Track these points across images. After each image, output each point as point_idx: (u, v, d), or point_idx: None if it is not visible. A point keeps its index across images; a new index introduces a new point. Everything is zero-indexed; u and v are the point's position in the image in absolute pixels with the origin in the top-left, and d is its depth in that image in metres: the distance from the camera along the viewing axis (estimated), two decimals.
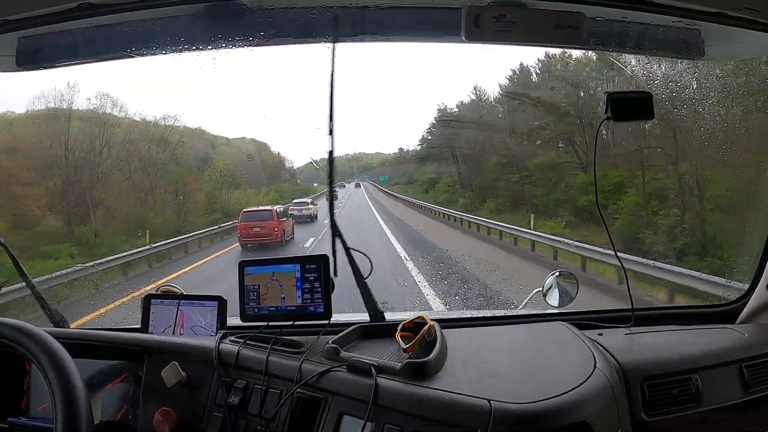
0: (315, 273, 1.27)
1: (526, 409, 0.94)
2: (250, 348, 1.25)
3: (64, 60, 1.29)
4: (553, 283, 1.70)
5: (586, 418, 0.98)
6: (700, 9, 1.16)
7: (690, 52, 1.34)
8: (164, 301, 1.48)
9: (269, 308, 1.30)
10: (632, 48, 1.36)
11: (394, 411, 1.01)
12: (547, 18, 1.17)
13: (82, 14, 1.12)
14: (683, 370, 1.20)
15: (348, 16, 1.26)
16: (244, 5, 1.18)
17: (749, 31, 1.22)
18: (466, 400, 0.97)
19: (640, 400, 1.14)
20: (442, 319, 1.37)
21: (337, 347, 1.17)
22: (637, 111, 1.28)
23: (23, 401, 1.33)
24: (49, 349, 1.01)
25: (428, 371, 1.06)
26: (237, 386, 1.20)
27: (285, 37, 1.28)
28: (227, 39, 1.23)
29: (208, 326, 1.43)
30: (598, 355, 1.14)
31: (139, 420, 1.24)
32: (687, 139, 8.27)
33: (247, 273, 1.33)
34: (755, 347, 1.30)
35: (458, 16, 1.16)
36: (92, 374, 1.30)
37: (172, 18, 1.20)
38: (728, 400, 1.21)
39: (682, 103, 5.14)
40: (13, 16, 1.11)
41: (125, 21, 1.20)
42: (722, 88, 4.84)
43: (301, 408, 1.11)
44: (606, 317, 1.48)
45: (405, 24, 1.30)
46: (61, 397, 0.96)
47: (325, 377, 1.11)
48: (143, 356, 1.29)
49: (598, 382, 1.04)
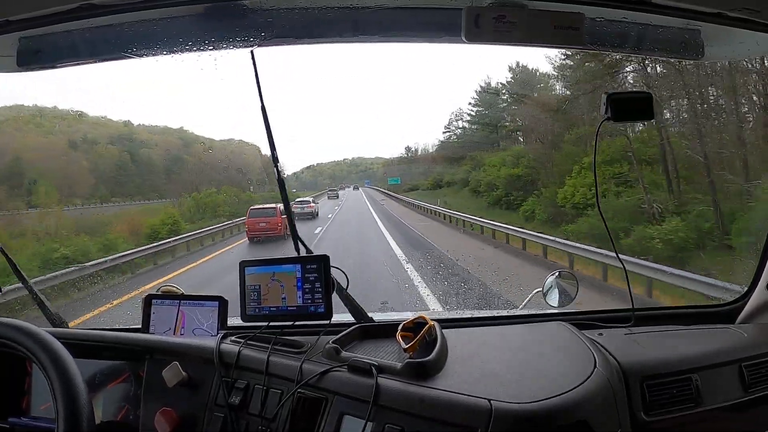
0: (315, 273, 1.27)
1: (527, 409, 0.95)
2: (250, 348, 1.25)
3: (64, 60, 1.29)
4: (553, 284, 1.70)
5: (586, 418, 0.98)
6: (700, 9, 1.17)
7: (690, 52, 1.34)
8: (165, 301, 1.48)
9: (270, 308, 1.30)
10: (632, 48, 1.36)
11: (394, 411, 1.01)
12: (547, 18, 1.17)
13: (83, 15, 1.12)
14: (683, 370, 1.20)
15: (348, 17, 1.26)
16: (245, 6, 1.18)
17: (749, 32, 1.22)
18: (466, 399, 0.97)
19: (640, 399, 1.15)
20: (443, 319, 1.37)
21: (337, 347, 1.17)
22: (637, 111, 1.28)
23: (24, 401, 1.33)
24: (51, 349, 1.02)
25: (429, 371, 1.07)
26: (238, 386, 1.20)
27: (285, 37, 1.28)
28: (228, 39, 1.23)
29: (208, 326, 1.43)
30: (598, 354, 1.15)
31: (140, 420, 1.24)
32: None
33: (247, 273, 1.33)
34: (755, 347, 1.30)
35: (458, 17, 1.16)
36: (93, 374, 1.30)
37: (173, 18, 1.21)
38: (728, 400, 1.22)
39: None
40: (14, 17, 1.11)
41: (126, 21, 1.20)
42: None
43: (301, 408, 1.11)
44: (606, 317, 1.48)
45: (405, 25, 1.30)
46: (62, 398, 0.96)
47: (325, 377, 1.12)
48: (144, 356, 1.29)
49: (597, 382, 1.05)
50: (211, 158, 20.10)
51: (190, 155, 19.93)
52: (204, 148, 19.67)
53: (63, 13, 1.11)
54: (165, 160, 19.02)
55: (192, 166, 19.93)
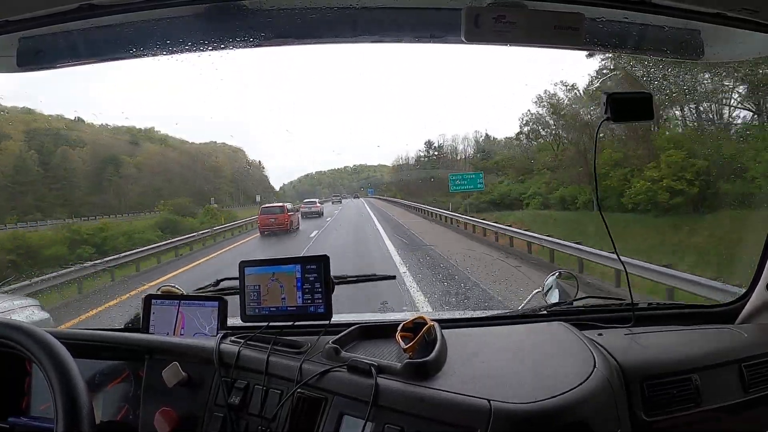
0: (315, 273, 1.27)
1: (526, 409, 0.95)
2: (250, 348, 1.25)
3: (64, 61, 1.30)
4: (553, 284, 1.70)
5: (586, 418, 0.98)
6: (700, 10, 1.17)
7: (689, 52, 1.34)
8: (164, 301, 1.48)
9: (270, 308, 1.30)
10: (632, 49, 1.36)
11: (394, 411, 1.01)
12: (547, 18, 1.17)
13: (83, 15, 1.12)
14: (683, 370, 1.20)
15: (348, 17, 1.26)
16: (245, 6, 1.18)
17: (748, 32, 1.22)
18: (466, 399, 0.97)
19: (640, 400, 1.14)
20: (442, 319, 1.37)
21: (337, 347, 1.17)
22: (636, 111, 1.28)
23: (24, 401, 1.34)
24: (51, 349, 1.02)
25: (428, 371, 1.07)
26: (237, 386, 1.20)
27: (285, 37, 1.29)
28: (228, 40, 1.24)
29: (208, 326, 1.43)
30: (597, 355, 1.15)
31: (139, 420, 1.24)
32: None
33: (247, 273, 1.33)
34: (755, 347, 1.30)
35: (458, 17, 1.16)
36: (93, 374, 1.30)
37: (173, 19, 1.21)
38: (728, 400, 1.21)
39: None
40: (14, 17, 1.11)
41: (126, 22, 1.20)
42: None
43: (301, 408, 1.11)
44: (606, 317, 1.48)
45: (404, 25, 1.30)
46: (62, 397, 0.96)
47: (325, 377, 1.12)
48: (144, 356, 1.29)
49: (597, 382, 1.04)
50: (172, 163, 16.80)
51: (135, 157, 15.80)
52: (156, 151, 15.89)
53: (63, 13, 1.11)
54: (91, 164, 14.46)
55: (131, 172, 15.75)
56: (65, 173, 14.57)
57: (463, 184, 14.35)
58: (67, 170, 14.79)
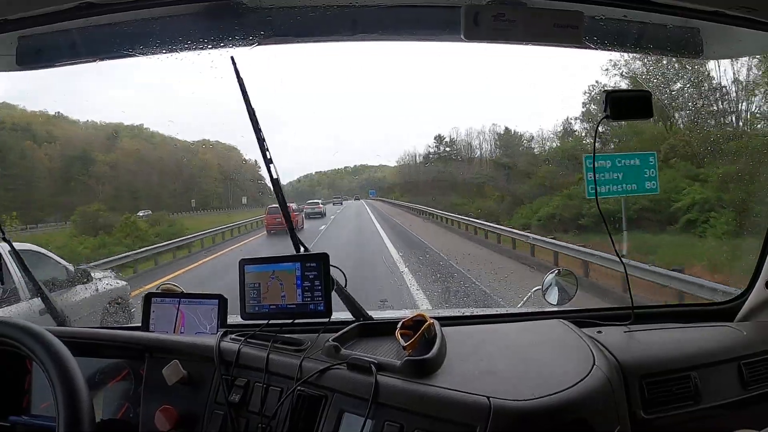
0: (315, 271, 1.27)
1: (525, 406, 0.95)
2: (250, 346, 1.25)
3: (64, 59, 1.30)
4: (552, 282, 1.70)
5: (585, 416, 0.98)
6: (699, 8, 1.17)
7: (689, 50, 1.34)
8: (165, 299, 1.48)
9: (270, 306, 1.30)
10: (631, 47, 1.36)
11: (394, 408, 1.01)
12: (546, 17, 1.18)
13: (82, 14, 1.12)
14: (682, 368, 1.20)
15: (347, 15, 1.26)
16: (244, 4, 1.18)
17: (747, 30, 1.22)
18: (465, 397, 0.98)
19: (639, 397, 1.15)
20: (442, 316, 1.37)
21: (337, 345, 1.18)
22: (635, 109, 1.28)
23: (25, 400, 1.34)
24: (51, 347, 1.02)
25: (428, 369, 1.07)
26: (238, 384, 1.20)
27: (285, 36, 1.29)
28: (227, 38, 1.24)
29: (208, 324, 1.43)
30: (597, 352, 1.15)
31: (140, 418, 1.25)
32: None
33: (247, 271, 1.33)
34: (754, 345, 1.31)
35: (457, 15, 1.16)
36: (93, 373, 1.31)
37: (172, 17, 1.21)
38: (727, 397, 1.22)
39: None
40: (13, 16, 1.11)
41: (125, 20, 1.20)
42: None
43: (301, 405, 1.12)
44: (605, 315, 1.49)
45: (404, 23, 1.30)
46: (63, 396, 0.96)
47: (325, 375, 1.12)
48: (144, 354, 1.29)
49: (596, 380, 1.05)
50: (154, 161, 14.57)
51: (109, 155, 13.54)
52: (134, 148, 13.60)
53: (62, 12, 1.11)
54: (58, 161, 12.43)
55: (103, 170, 13.56)
56: (22, 171, 12.40)
57: (618, 182, 7.07)
58: (27, 168, 12.68)
